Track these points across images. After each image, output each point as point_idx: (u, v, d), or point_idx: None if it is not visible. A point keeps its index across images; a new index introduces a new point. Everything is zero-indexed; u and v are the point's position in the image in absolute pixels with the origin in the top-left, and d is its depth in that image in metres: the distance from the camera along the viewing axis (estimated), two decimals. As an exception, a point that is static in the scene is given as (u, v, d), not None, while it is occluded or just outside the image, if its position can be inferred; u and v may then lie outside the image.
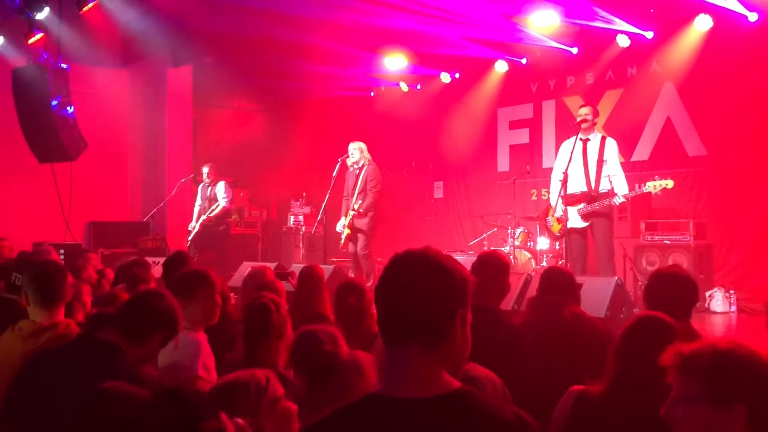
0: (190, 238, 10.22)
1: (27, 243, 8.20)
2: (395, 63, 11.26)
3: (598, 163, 7.08)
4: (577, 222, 7.05)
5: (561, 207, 7.07)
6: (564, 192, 7.00)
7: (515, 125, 11.10)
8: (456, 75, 11.66)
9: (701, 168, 8.86)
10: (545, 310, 3.84)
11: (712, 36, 8.62)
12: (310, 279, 4.59)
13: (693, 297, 3.39)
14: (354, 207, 8.44)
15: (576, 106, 8.44)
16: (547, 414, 2.44)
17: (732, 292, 7.93)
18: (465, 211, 11.68)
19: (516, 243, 9.10)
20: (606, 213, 7.05)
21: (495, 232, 9.91)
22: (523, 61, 10.71)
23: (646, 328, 2.37)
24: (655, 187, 6.77)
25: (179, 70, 11.93)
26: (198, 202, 10.44)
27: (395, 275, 1.59)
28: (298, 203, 12.33)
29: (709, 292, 7.95)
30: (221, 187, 10.24)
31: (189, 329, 3.32)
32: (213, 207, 10.16)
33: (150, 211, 10.74)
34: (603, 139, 7.18)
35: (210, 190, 10.30)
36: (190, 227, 10.31)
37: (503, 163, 11.24)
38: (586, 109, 7.21)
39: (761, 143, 8.17)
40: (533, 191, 10.62)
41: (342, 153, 8.74)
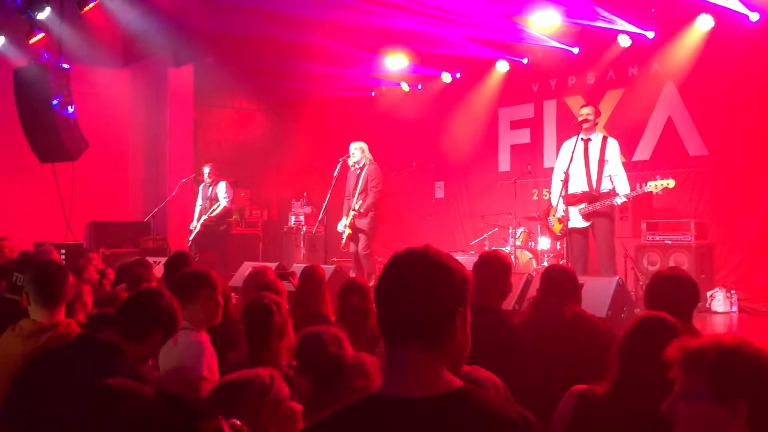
0: (191, 238, 10.22)
1: (28, 243, 8.20)
2: (396, 63, 11.26)
3: (599, 163, 7.06)
4: (579, 222, 7.05)
5: (562, 207, 7.06)
6: (565, 192, 6.99)
7: (516, 125, 11.10)
8: (457, 75, 11.65)
9: (702, 168, 8.85)
10: (545, 309, 3.83)
11: (713, 36, 8.62)
12: (311, 279, 4.59)
13: (694, 298, 3.37)
14: (354, 207, 8.43)
15: (577, 106, 8.43)
16: (548, 413, 2.43)
17: (733, 292, 7.91)
18: (466, 211, 11.68)
19: (517, 243, 9.09)
20: (607, 213, 7.04)
21: (496, 232, 9.91)
22: (524, 61, 10.71)
23: (649, 327, 2.36)
24: (657, 187, 6.76)
25: (180, 70, 11.93)
26: (199, 202, 10.43)
27: (395, 274, 1.58)
28: (299, 203, 12.32)
29: (711, 292, 7.94)
30: (222, 187, 10.23)
31: (191, 330, 3.32)
32: (214, 207, 10.15)
33: (151, 211, 10.73)
34: (604, 139, 7.17)
35: (211, 190, 10.30)
36: (191, 227, 10.30)
37: (504, 163, 11.24)
38: (588, 109, 7.20)
39: (762, 143, 8.17)
40: (534, 191, 10.62)
41: (343, 153, 8.73)
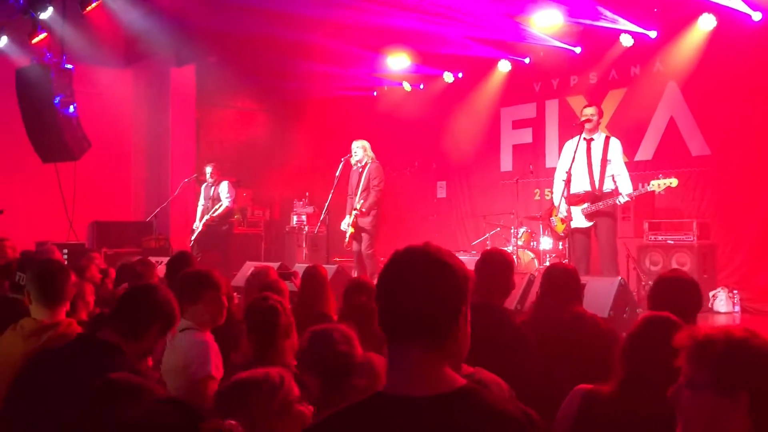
0: (193, 237, 10.23)
1: (30, 243, 8.20)
2: (398, 62, 11.26)
3: (602, 163, 7.05)
4: (581, 222, 7.04)
5: (564, 207, 7.05)
6: (567, 192, 6.98)
7: (518, 125, 11.09)
8: (459, 74, 11.65)
9: (705, 168, 8.84)
10: (546, 309, 3.82)
11: (715, 35, 8.60)
12: (313, 279, 4.58)
13: (697, 301, 3.34)
14: (356, 206, 8.43)
15: (579, 105, 8.43)
16: (549, 413, 2.42)
17: (735, 292, 7.90)
18: (468, 211, 11.67)
19: (519, 243, 9.09)
20: (610, 212, 7.03)
21: (498, 231, 9.90)
22: (527, 61, 10.70)
23: (655, 328, 2.34)
24: (659, 186, 6.74)
25: (182, 69, 11.94)
26: (201, 201, 10.44)
27: (395, 273, 1.58)
28: (301, 203, 12.31)
29: (713, 292, 7.92)
30: (224, 187, 10.24)
31: (196, 330, 3.34)
32: (216, 207, 10.16)
33: (153, 211, 10.74)
34: (607, 139, 7.15)
35: (213, 189, 10.30)
36: (193, 227, 10.31)
37: (506, 163, 11.23)
38: (591, 109, 7.18)
39: (765, 143, 8.15)
40: (536, 191, 10.61)
41: (345, 153, 8.73)
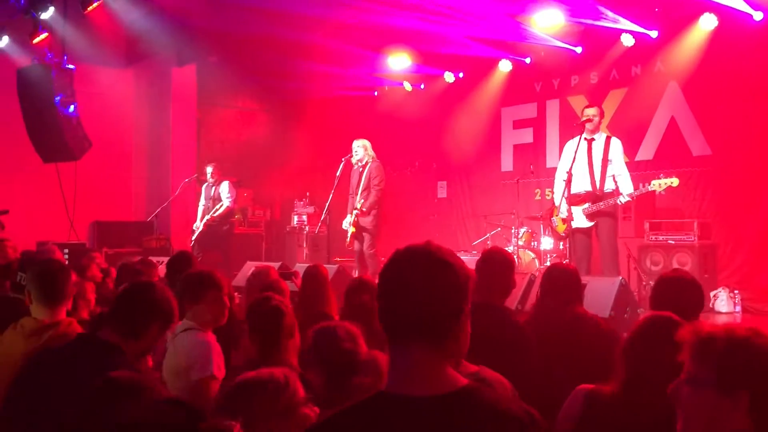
0: (193, 237, 10.23)
1: (31, 243, 8.20)
2: (399, 62, 11.26)
3: (603, 163, 7.04)
4: (582, 222, 7.03)
5: (565, 207, 7.05)
6: (568, 192, 6.98)
7: (519, 125, 11.08)
8: (460, 74, 11.64)
9: (706, 168, 8.83)
10: (547, 309, 3.82)
11: (716, 35, 8.59)
12: (314, 278, 4.58)
13: (699, 301, 3.34)
14: (357, 205, 8.44)
15: (580, 105, 8.42)
16: (549, 413, 2.41)
17: (736, 292, 7.89)
18: (468, 211, 11.67)
19: (520, 243, 9.09)
20: (611, 212, 7.03)
21: (499, 231, 9.90)
22: (527, 61, 10.70)
23: (657, 328, 2.33)
24: (661, 186, 6.74)
25: (183, 69, 11.93)
26: (202, 201, 10.44)
27: (397, 272, 1.56)
28: (301, 203, 12.31)
29: (714, 292, 7.91)
30: (225, 187, 10.24)
31: (198, 330, 3.34)
32: (217, 207, 10.16)
33: (154, 211, 10.74)
34: (608, 139, 7.15)
35: (214, 189, 10.30)
36: (194, 227, 10.31)
37: (507, 163, 11.23)
38: (593, 110, 7.17)
39: (766, 143, 8.14)
40: (537, 191, 10.61)
41: (346, 153, 8.73)
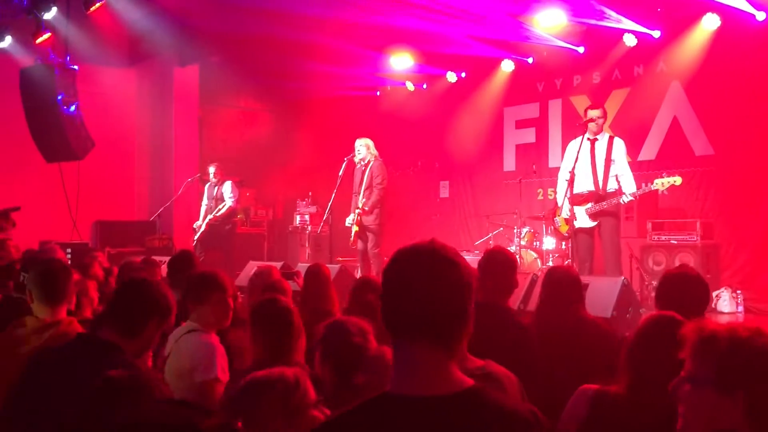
0: (196, 237, 10.24)
1: (34, 242, 8.21)
2: (401, 62, 11.26)
3: (605, 163, 7.04)
4: (585, 222, 7.02)
5: (568, 207, 7.04)
6: (570, 192, 6.97)
7: (521, 125, 11.08)
8: (462, 74, 11.64)
9: (708, 167, 8.82)
10: (548, 310, 3.82)
11: (719, 35, 8.59)
12: (316, 278, 4.58)
13: (704, 297, 3.33)
14: (359, 204, 8.44)
15: (583, 105, 8.42)
16: (551, 413, 2.41)
17: (739, 292, 7.87)
18: (471, 211, 11.67)
19: (522, 243, 9.08)
20: (614, 212, 7.02)
21: (501, 231, 9.89)
22: (530, 61, 10.69)
23: (661, 327, 2.32)
24: (664, 184, 6.73)
25: (186, 69, 11.94)
26: (204, 201, 10.45)
27: (401, 271, 1.55)
28: (304, 203, 12.32)
29: (716, 292, 7.89)
30: (228, 187, 10.24)
31: (201, 332, 3.33)
32: (219, 206, 10.17)
33: (156, 211, 10.76)
34: (611, 139, 7.14)
35: (216, 189, 10.31)
36: (196, 226, 10.32)
37: (509, 163, 11.22)
38: (596, 112, 7.15)
39: (769, 143, 8.15)
40: (539, 191, 10.60)
41: (348, 152, 8.73)
